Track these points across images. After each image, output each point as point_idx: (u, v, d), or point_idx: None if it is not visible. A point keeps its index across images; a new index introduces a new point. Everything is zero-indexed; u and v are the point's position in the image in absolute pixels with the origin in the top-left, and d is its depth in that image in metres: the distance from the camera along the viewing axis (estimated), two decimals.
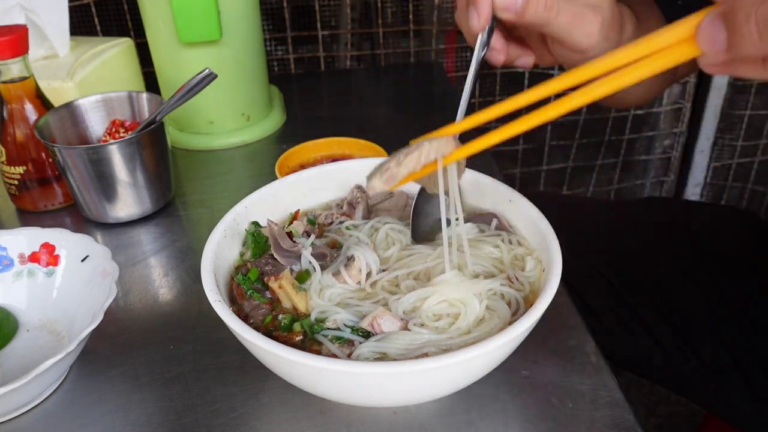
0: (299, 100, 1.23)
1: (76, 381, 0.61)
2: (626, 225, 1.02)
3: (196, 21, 0.90)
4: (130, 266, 0.76)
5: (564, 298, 0.67)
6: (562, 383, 0.58)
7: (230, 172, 0.98)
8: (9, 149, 0.83)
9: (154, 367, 0.61)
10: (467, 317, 0.51)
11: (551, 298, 0.49)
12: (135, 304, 0.70)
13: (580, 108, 0.46)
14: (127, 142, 0.78)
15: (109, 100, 0.87)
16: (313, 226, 0.64)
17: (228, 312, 0.49)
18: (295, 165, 0.90)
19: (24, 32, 0.78)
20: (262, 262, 0.58)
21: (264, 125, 1.08)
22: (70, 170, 0.79)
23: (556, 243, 0.54)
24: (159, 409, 0.57)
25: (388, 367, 0.44)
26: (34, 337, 0.65)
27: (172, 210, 0.87)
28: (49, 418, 0.57)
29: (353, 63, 1.53)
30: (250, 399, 0.57)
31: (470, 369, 0.48)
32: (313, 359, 0.44)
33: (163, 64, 1.01)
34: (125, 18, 1.33)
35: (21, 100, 0.81)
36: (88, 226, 0.85)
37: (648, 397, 1.60)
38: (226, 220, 0.60)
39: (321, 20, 1.42)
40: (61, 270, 0.67)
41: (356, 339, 0.51)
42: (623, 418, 0.54)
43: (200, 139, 1.04)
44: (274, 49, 1.50)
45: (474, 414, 0.55)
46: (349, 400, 0.52)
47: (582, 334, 0.63)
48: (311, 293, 0.55)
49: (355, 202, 0.66)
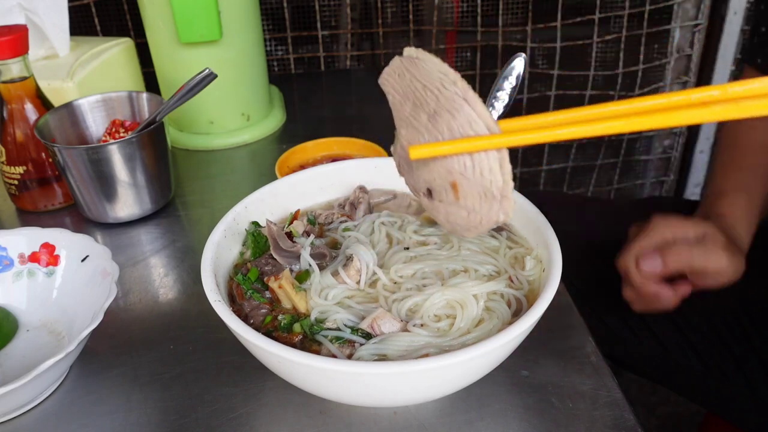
0: (299, 100, 1.23)
1: (76, 381, 0.61)
2: (626, 225, 1.02)
3: (196, 21, 0.90)
4: (130, 266, 0.76)
5: (564, 297, 0.67)
6: (562, 383, 0.58)
7: (230, 172, 0.98)
8: (9, 149, 0.83)
9: (154, 367, 0.61)
10: (464, 318, 0.51)
11: (551, 298, 0.49)
12: (135, 304, 0.70)
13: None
14: (127, 142, 0.78)
15: (109, 100, 0.87)
16: (313, 226, 0.64)
17: (228, 312, 0.49)
18: (295, 165, 0.90)
19: (24, 32, 0.78)
20: (261, 262, 0.58)
21: (264, 125, 1.08)
22: (70, 170, 0.79)
23: (556, 242, 0.54)
24: (159, 409, 0.57)
25: (388, 367, 0.44)
26: (34, 337, 0.65)
27: (172, 210, 0.87)
28: (49, 418, 0.57)
29: (353, 63, 1.53)
30: (250, 399, 0.57)
31: (470, 369, 0.48)
32: (313, 359, 0.44)
33: (163, 64, 1.01)
34: (125, 18, 1.34)
35: (21, 100, 0.81)
36: (88, 226, 0.85)
37: (648, 397, 1.60)
38: (226, 220, 0.60)
39: (321, 20, 1.42)
40: (61, 270, 0.67)
41: (356, 339, 0.51)
42: (623, 418, 0.54)
43: (200, 139, 1.04)
44: (274, 49, 1.50)
45: (474, 414, 0.55)
46: (349, 400, 0.52)
47: (582, 334, 0.63)
48: (311, 293, 0.55)
49: (356, 203, 0.66)
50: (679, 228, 0.74)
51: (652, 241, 0.74)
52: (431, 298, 0.52)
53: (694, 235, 0.74)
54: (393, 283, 0.56)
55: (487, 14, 1.52)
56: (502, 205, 0.45)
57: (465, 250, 0.59)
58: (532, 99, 1.62)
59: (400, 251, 0.59)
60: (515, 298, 0.54)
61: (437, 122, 0.46)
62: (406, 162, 0.52)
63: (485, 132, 0.44)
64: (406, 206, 0.67)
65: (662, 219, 0.76)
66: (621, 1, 1.52)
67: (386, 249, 0.60)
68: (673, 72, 1.65)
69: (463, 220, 0.48)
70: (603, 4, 1.50)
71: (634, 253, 0.74)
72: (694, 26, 1.57)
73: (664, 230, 0.74)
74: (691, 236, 0.74)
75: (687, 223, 0.75)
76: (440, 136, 0.46)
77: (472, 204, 0.47)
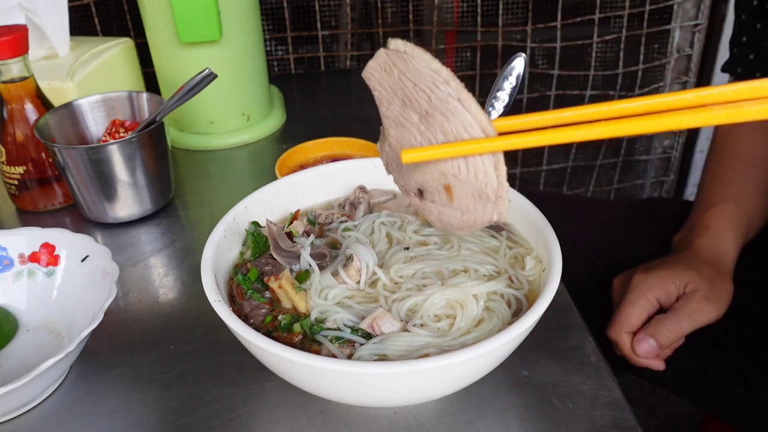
0: (299, 100, 1.23)
1: (76, 381, 0.61)
2: (626, 225, 1.02)
3: (196, 21, 0.90)
4: (130, 266, 0.76)
5: (564, 297, 0.67)
6: (562, 383, 0.58)
7: (230, 172, 0.98)
8: (9, 149, 0.83)
9: (154, 367, 0.61)
10: (464, 318, 0.51)
11: (551, 298, 0.49)
12: (135, 304, 0.70)
13: None
14: (127, 142, 0.78)
15: (109, 100, 0.87)
16: (313, 225, 0.64)
17: (228, 312, 0.49)
18: (295, 165, 0.90)
19: (24, 32, 0.78)
20: (261, 262, 0.58)
21: (264, 125, 1.08)
22: (70, 170, 0.79)
23: (556, 243, 0.54)
24: (159, 409, 0.57)
25: (388, 367, 0.44)
26: (34, 337, 0.65)
27: (172, 210, 0.87)
28: (49, 418, 0.57)
29: (353, 63, 1.53)
30: (250, 399, 0.57)
31: (470, 369, 0.48)
32: (313, 359, 0.44)
33: (163, 64, 1.01)
34: (125, 18, 1.34)
35: (21, 100, 0.81)
36: (88, 226, 0.85)
37: (648, 397, 1.60)
38: (226, 220, 0.60)
39: (321, 20, 1.42)
40: (61, 270, 0.67)
41: (356, 339, 0.51)
42: (623, 418, 0.54)
43: (200, 139, 1.04)
44: (274, 49, 1.50)
45: (474, 414, 0.55)
46: (349, 400, 0.52)
47: (582, 334, 0.63)
48: (311, 293, 0.55)
49: (356, 203, 0.66)
50: (661, 288, 0.76)
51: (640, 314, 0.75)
52: (431, 298, 0.52)
53: (676, 290, 0.76)
54: (393, 283, 0.56)
55: (487, 14, 1.52)
56: (496, 205, 0.45)
57: (465, 250, 0.59)
58: (532, 99, 1.62)
59: (400, 251, 0.59)
60: (515, 298, 0.54)
61: (430, 124, 0.45)
62: (395, 161, 0.51)
63: (480, 135, 0.43)
64: (406, 206, 0.67)
65: (642, 279, 0.77)
66: (621, 1, 1.52)
67: (386, 249, 0.60)
68: (673, 72, 1.65)
69: (457, 220, 0.48)
70: (603, 4, 1.50)
71: (623, 328, 0.76)
72: (694, 26, 1.57)
73: (647, 295, 0.75)
74: (673, 293, 0.76)
75: (667, 279, 0.76)
76: (433, 139, 0.45)
77: (466, 205, 0.47)
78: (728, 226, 0.81)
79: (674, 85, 1.66)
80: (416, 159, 0.46)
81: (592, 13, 1.50)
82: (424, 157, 0.45)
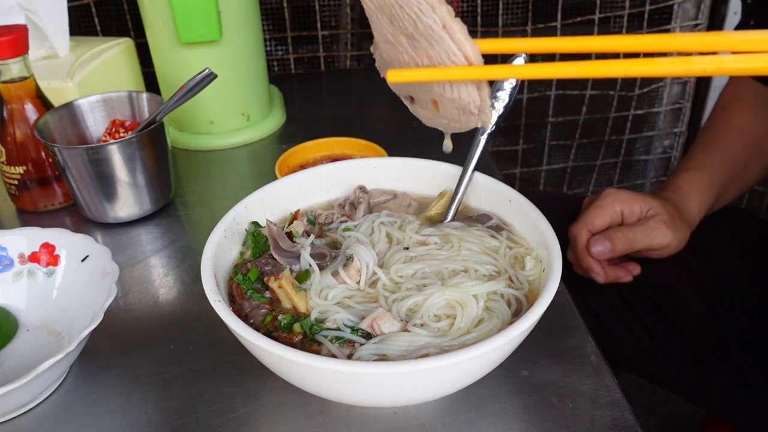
0: (299, 100, 1.23)
1: (76, 381, 0.61)
2: None
3: (196, 21, 0.90)
4: (130, 266, 0.76)
5: (564, 297, 0.67)
6: (562, 383, 0.58)
7: (230, 172, 0.98)
8: (9, 149, 0.83)
9: (154, 367, 0.61)
10: (464, 318, 0.51)
11: (551, 298, 0.49)
12: (135, 304, 0.70)
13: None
14: (127, 142, 0.78)
15: (109, 100, 0.87)
16: (313, 225, 0.64)
17: (228, 312, 0.49)
18: (295, 165, 0.90)
19: (24, 32, 0.78)
20: (261, 262, 0.58)
21: (264, 125, 1.08)
22: (70, 170, 0.79)
23: (556, 242, 0.54)
24: (159, 409, 0.57)
25: (388, 367, 0.44)
26: (34, 337, 0.65)
27: (172, 210, 0.87)
28: (49, 418, 0.57)
29: (353, 63, 1.53)
30: (250, 399, 0.57)
31: (470, 369, 0.48)
32: (313, 359, 0.44)
33: (163, 64, 1.01)
34: (125, 18, 1.33)
35: (21, 100, 0.81)
36: (88, 226, 0.85)
37: (648, 397, 1.60)
38: (226, 220, 0.60)
39: (321, 20, 1.42)
40: (61, 270, 0.67)
41: (356, 339, 0.51)
42: (623, 418, 0.54)
43: (200, 139, 1.04)
44: (274, 49, 1.50)
45: (474, 414, 0.55)
46: (349, 400, 0.52)
47: (582, 334, 0.63)
48: (311, 293, 0.55)
49: (356, 203, 0.66)
50: (627, 203, 0.83)
51: (603, 216, 0.83)
52: (431, 298, 0.52)
53: (639, 211, 0.83)
54: (393, 283, 0.56)
55: (487, 14, 1.52)
56: (479, 117, 0.48)
57: (465, 250, 0.59)
58: (532, 99, 1.61)
59: (400, 251, 0.59)
60: (515, 298, 0.54)
61: (416, 48, 0.46)
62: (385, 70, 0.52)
63: (464, 63, 0.44)
64: (406, 206, 0.67)
65: (614, 192, 0.84)
66: (621, 1, 1.52)
67: (386, 249, 0.60)
68: None
69: (444, 125, 0.53)
70: (603, 4, 1.50)
71: (585, 225, 0.83)
72: (694, 26, 1.57)
73: (614, 205, 0.83)
74: (636, 212, 0.83)
75: (634, 199, 0.83)
76: (420, 62, 0.47)
77: (452, 115, 0.50)
78: (697, 191, 0.88)
79: (674, 85, 1.66)
80: (400, 80, 0.48)
81: (592, 13, 1.50)
82: (407, 78, 0.48)
